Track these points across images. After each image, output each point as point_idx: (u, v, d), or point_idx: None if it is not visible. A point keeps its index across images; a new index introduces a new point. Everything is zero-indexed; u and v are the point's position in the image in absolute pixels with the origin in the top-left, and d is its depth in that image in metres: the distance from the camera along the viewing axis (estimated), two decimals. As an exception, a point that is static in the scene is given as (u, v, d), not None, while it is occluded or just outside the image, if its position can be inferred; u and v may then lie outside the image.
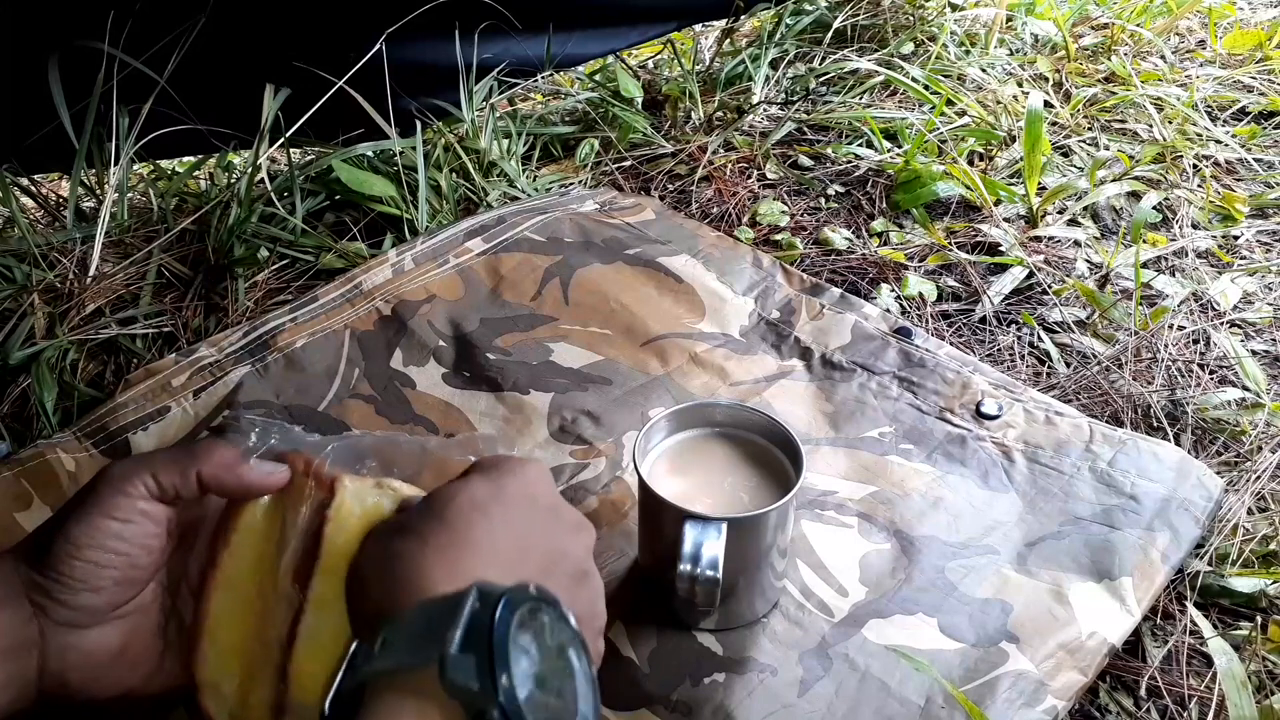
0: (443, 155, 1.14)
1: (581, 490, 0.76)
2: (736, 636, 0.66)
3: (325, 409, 0.84)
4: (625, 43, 1.38)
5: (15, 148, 1.02)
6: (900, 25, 1.49)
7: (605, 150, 1.24)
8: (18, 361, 0.87)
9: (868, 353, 0.89)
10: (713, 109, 1.31)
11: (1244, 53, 1.48)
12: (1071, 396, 0.87)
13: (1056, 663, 0.64)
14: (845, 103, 1.34)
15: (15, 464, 0.77)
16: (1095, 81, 1.40)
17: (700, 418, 0.70)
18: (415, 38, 1.10)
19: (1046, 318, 0.98)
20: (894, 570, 0.71)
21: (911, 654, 0.64)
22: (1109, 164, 1.22)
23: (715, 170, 1.20)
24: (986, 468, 0.79)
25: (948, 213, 1.15)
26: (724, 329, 0.93)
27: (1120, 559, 0.70)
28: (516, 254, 1.00)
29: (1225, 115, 1.33)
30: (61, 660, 0.47)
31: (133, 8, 0.98)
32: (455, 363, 0.89)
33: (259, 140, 1.03)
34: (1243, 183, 1.20)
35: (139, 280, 0.97)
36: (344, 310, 0.93)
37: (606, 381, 0.87)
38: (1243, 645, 0.67)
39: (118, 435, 0.81)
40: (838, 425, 0.83)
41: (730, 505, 0.64)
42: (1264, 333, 0.96)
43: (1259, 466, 0.79)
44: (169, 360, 0.87)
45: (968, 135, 1.25)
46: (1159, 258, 1.06)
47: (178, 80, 1.01)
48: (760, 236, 1.10)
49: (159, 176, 1.17)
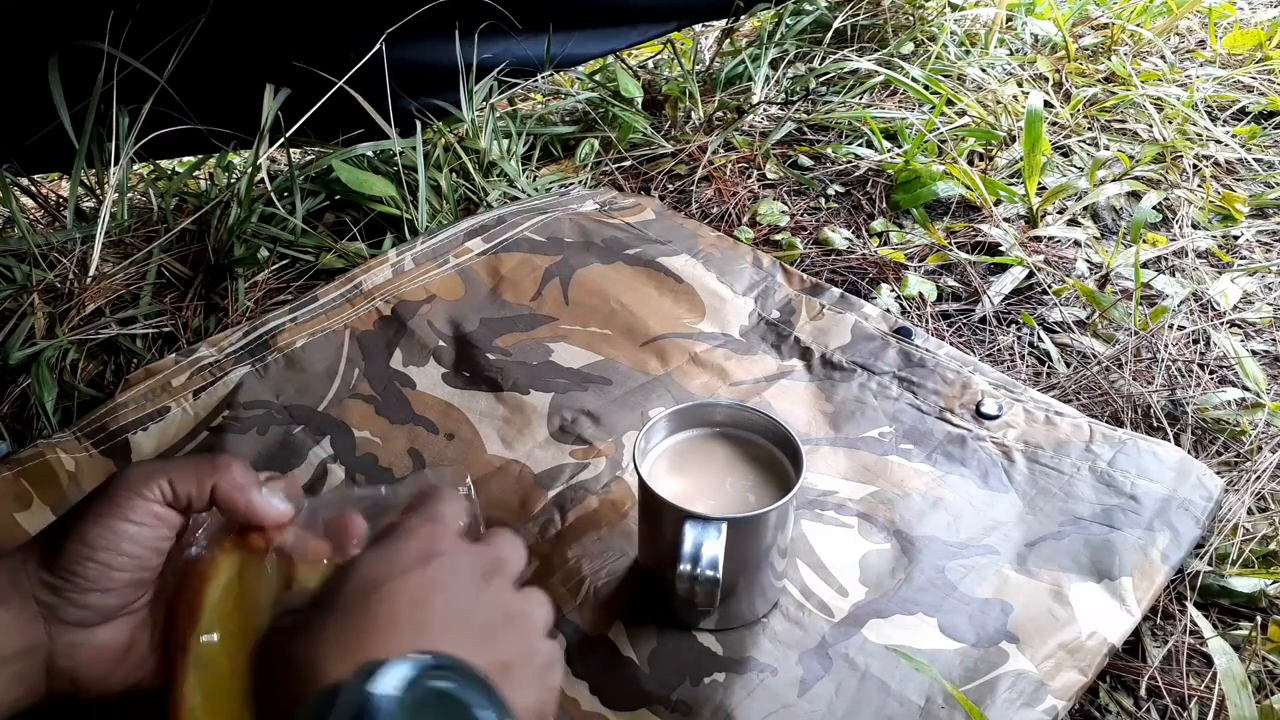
0: (443, 155, 1.14)
1: (581, 490, 0.76)
2: (736, 636, 0.66)
3: (325, 409, 0.84)
4: (625, 43, 1.38)
5: (15, 148, 1.02)
6: (900, 25, 1.49)
7: (605, 150, 1.24)
8: (18, 361, 0.87)
9: (868, 353, 0.89)
10: (713, 109, 1.31)
11: (1244, 53, 1.48)
12: (1071, 396, 0.87)
13: (1056, 663, 0.64)
14: (845, 103, 1.34)
15: (15, 464, 0.77)
16: (1095, 81, 1.40)
17: (700, 418, 0.70)
18: (415, 38, 1.10)
19: (1046, 318, 0.98)
20: (894, 570, 0.71)
21: (911, 654, 0.64)
22: (1109, 164, 1.22)
23: (715, 170, 1.20)
24: (986, 468, 0.79)
25: (948, 213, 1.15)
26: (724, 329, 0.93)
27: (1120, 559, 0.70)
28: (516, 254, 1.00)
29: (1225, 115, 1.33)
30: (70, 658, 0.48)
31: (133, 8, 0.98)
32: (455, 363, 0.89)
33: (259, 140, 1.03)
34: (1243, 183, 1.20)
35: (139, 280, 0.97)
36: (344, 310, 0.93)
37: (606, 381, 0.87)
38: (1243, 645, 0.67)
39: (118, 435, 0.81)
40: (838, 425, 0.83)
41: (730, 505, 0.64)
42: (1264, 333, 0.96)
43: (1259, 466, 0.79)
44: (169, 360, 0.87)
45: (968, 135, 1.25)
46: (1159, 258, 1.06)
47: (178, 80, 1.01)
48: (760, 236, 1.10)
49: (159, 176, 1.17)
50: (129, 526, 0.48)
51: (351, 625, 0.43)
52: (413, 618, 0.44)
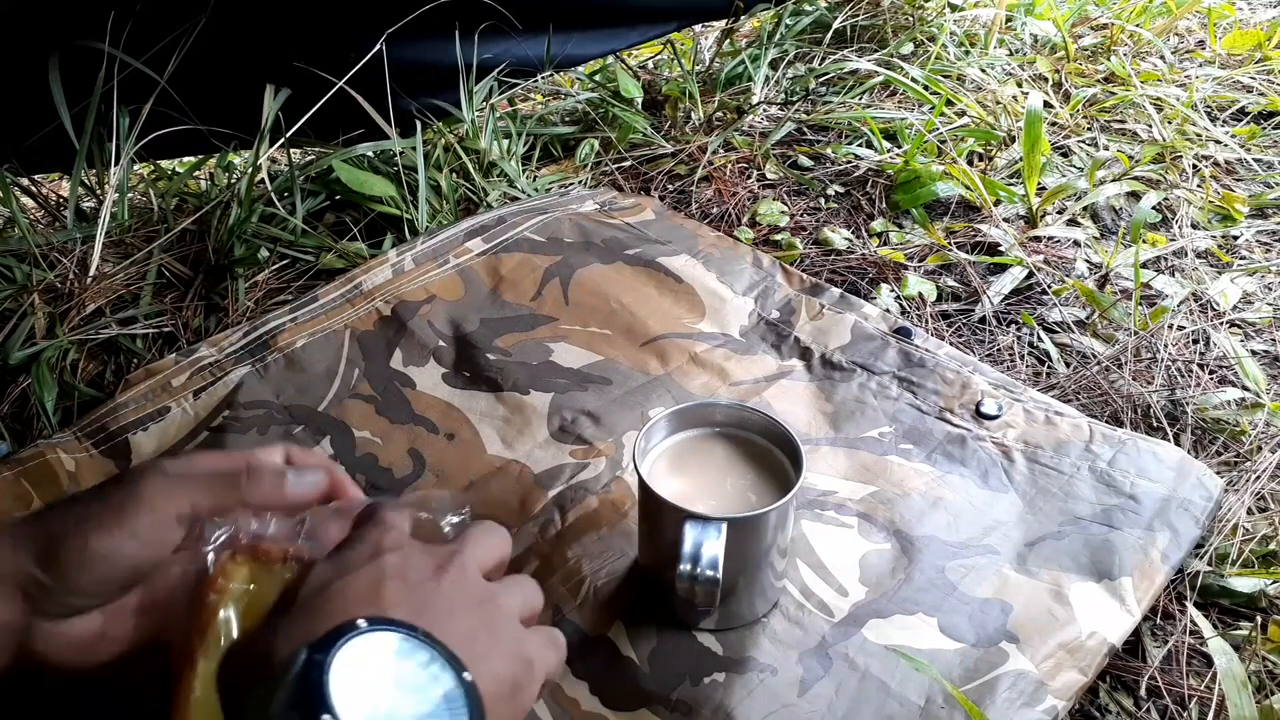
0: (443, 155, 1.14)
1: (581, 490, 0.76)
2: (736, 636, 0.66)
3: (325, 409, 0.84)
4: (625, 43, 1.38)
5: (15, 148, 1.02)
6: (900, 25, 1.49)
7: (605, 150, 1.24)
8: (18, 361, 0.87)
9: (867, 353, 0.89)
10: (713, 109, 1.31)
11: (1243, 53, 1.48)
12: (1071, 396, 0.87)
13: (1056, 663, 0.64)
14: (845, 103, 1.34)
15: (15, 464, 0.77)
16: (1095, 81, 1.40)
17: (700, 418, 0.70)
18: (415, 38, 1.11)
19: (1046, 318, 0.98)
20: (894, 570, 0.71)
21: (911, 654, 0.64)
22: (1108, 164, 1.22)
23: (715, 170, 1.20)
24: (986, 468, 0.79)
25: (947, 213, 1.15)
26: (724, 329, 0.93)
27: (1120, 559, 0.70)
28: (516, 254, 1.00)
29: (1225, 115, 1.33)
30: (45, 644, 0.47)
31: (133, 8, 0.98)
32: (455, 363, 0.89)
33: (259, 140, 1.03)
34: (1242, 183, 1.20)
35: (139, 280, 0.97)
36: (344, 310, 0.93)
37: (606, 381, 0.87)
38: (1243, 645, 0.67)
39: (118, 435, 0.81)
40: (838, 425, 0.83)
41: (730, 505, 0.64)
42: (1264, 333, 0.96)
43: (1259, 466, 0.79)
44: (169, 360, 0.87)
45: (967, 135, 1.25)
46: (1159, 258, 1.06)
47: (178, 80, 1.01)
48: (760, 236, 1.10)
49: (159, 176, 1.17)
50: (134, 542, 0.46)
51: (304, 621, 0.43)
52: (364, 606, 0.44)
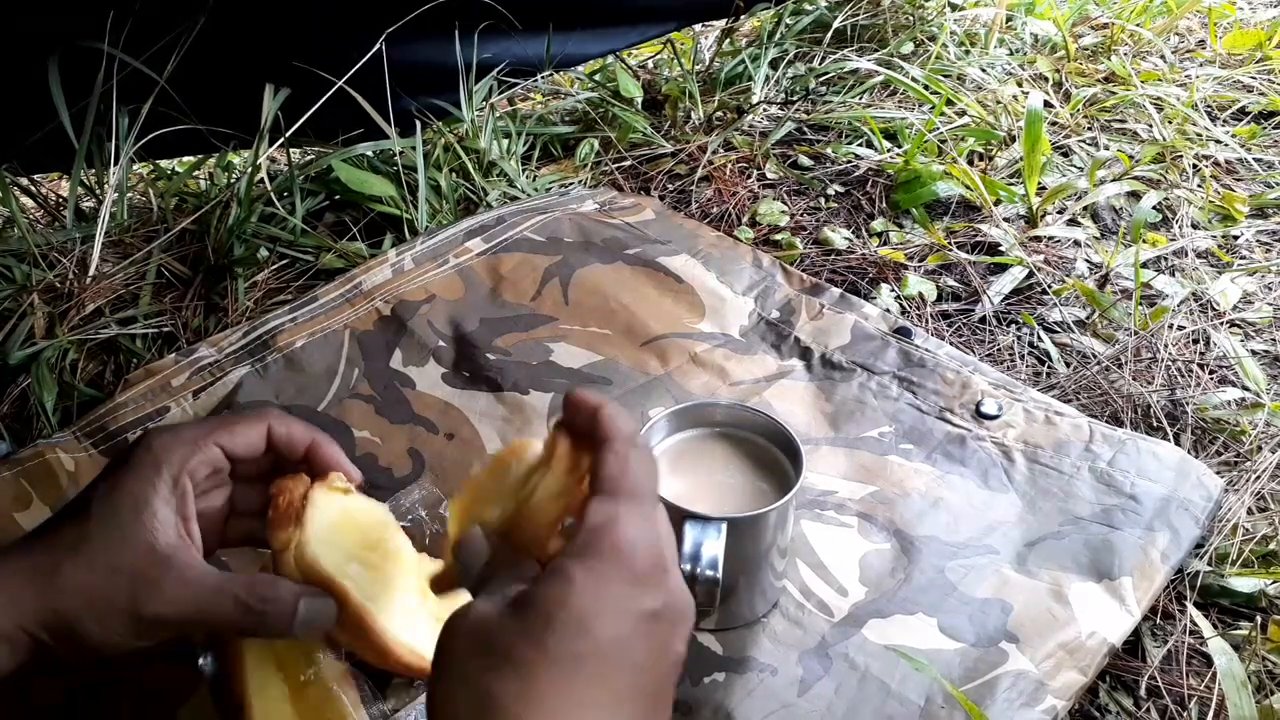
0: (443, 155, 1.14)
1: (581, 490, 0.76)
2: (736, 636, 0.66)
3: (325, 409, 0.84)
4: (625, 43, 1.38)
5: (15, 148, 1.02)
6: (900, 25, 1.49)
7: (605, 150, 1.24)
8: (18, 361, 0.87)
9: (867, 353, 0.89)
10: (713, 109, 1.31)
11: (1244, 53, 1.48)
12: (1071, 396, 0.87)
13: (1056, 662, 0.64)
14: (845, 103, 1.34)
15: (15, 464, 0.77)
16: (1095, 81, 1.40)
17: (700, 418, 0.70)
18: (415, 38, 1.10)
19: (1046, 318, 0.98)
20: (894, 570, 0.71)
21: (911, 654, 0.64)
22: (1109, 164, 1.22)
23: (715, 170, 1.20)
24: (986, 468, 0.79)
25: (947, 213, 1.15)
26: (724, 329, 0.93)
27: (1120, 559, 0.70)
28: (516, 254, 1.00)
29: (1225, 115, 1.33)
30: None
31: (133, 8, 0.98)
32: (455, 363, 0.89)
33: (259, 140, 1.03)
34: (1243, 183, 1.20)
35: (139, 280, 0.97)
36: (344, 310, 0.93)
37: (606, 381, 0.87)
38: (1243, 645, 0.67)
39: (117, 435, 0.81)
40: (838, 425, 0.83)
41: (730, 505, 0.64)
42: (1264, 333, 0.96)
43: (1259, 466, 0.79)
44: (169, 360, 0.87)
45: (967, 135, 1.25)
46: (1159, 258, 1.06)
47: (177, 80, 1.01)
48: (760, 236, 1.10)
49: (159, 176, 1.17)
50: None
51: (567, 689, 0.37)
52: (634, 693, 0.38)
